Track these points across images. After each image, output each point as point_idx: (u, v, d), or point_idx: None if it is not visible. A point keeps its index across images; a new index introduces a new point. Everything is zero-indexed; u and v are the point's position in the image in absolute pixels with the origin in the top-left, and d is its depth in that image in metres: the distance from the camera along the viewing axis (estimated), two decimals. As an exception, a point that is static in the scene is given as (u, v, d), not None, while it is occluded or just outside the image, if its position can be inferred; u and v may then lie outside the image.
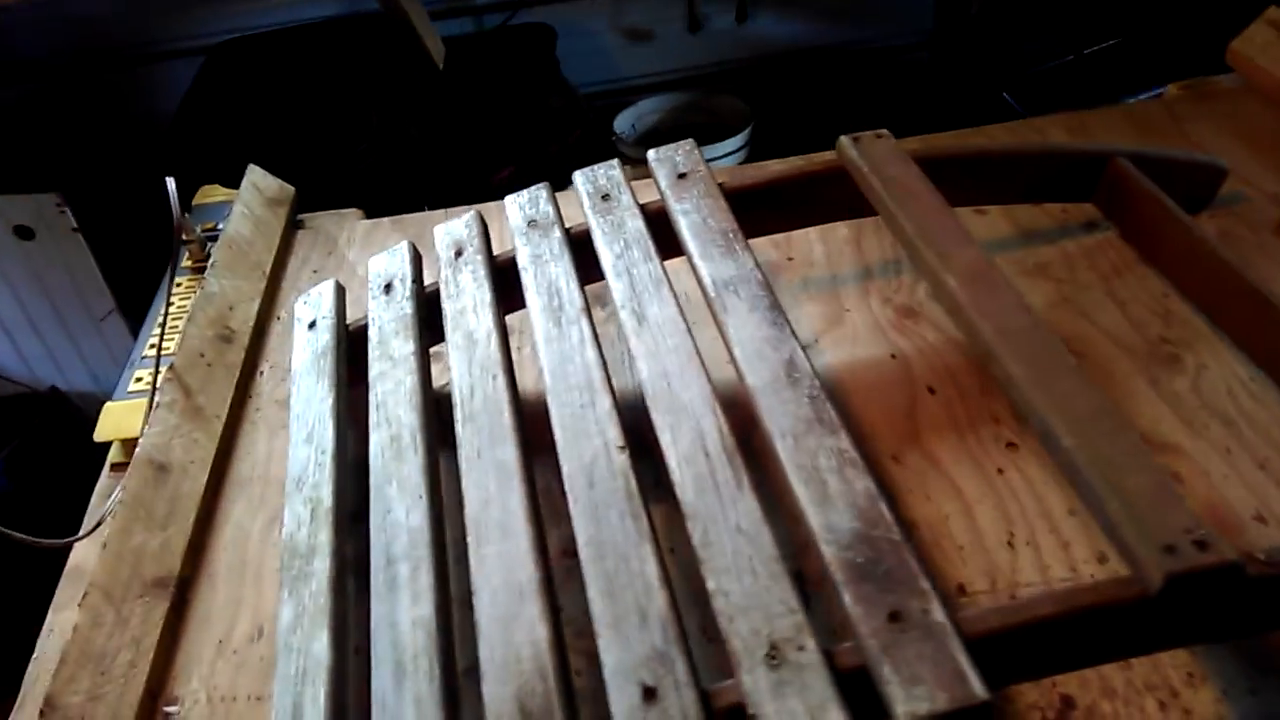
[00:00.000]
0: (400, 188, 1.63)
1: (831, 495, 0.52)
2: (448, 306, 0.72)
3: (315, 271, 0.96)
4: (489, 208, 0.94)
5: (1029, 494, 0.68)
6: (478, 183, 1.72)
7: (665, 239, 0.73)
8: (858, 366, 0.79)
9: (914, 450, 0.72)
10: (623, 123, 1.89)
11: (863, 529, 0.50)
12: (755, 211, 0.77)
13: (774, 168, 0.99)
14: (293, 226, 1.01)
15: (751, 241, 0.71)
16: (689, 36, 2.06)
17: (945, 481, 0.69)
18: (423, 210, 1.05)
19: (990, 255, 0.65)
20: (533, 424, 0.63)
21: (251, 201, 0.98)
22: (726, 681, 0.47)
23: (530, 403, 0.63)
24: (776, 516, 0.53)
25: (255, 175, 1.01)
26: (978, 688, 0.43)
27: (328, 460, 0.66)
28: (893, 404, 0.76)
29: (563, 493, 0.57)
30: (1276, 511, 0.64)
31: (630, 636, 0.49)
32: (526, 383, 0.77)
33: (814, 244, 0.93)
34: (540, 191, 0.80)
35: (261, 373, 0.86)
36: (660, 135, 1.93)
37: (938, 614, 0.46)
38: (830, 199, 0.80)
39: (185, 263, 0.95)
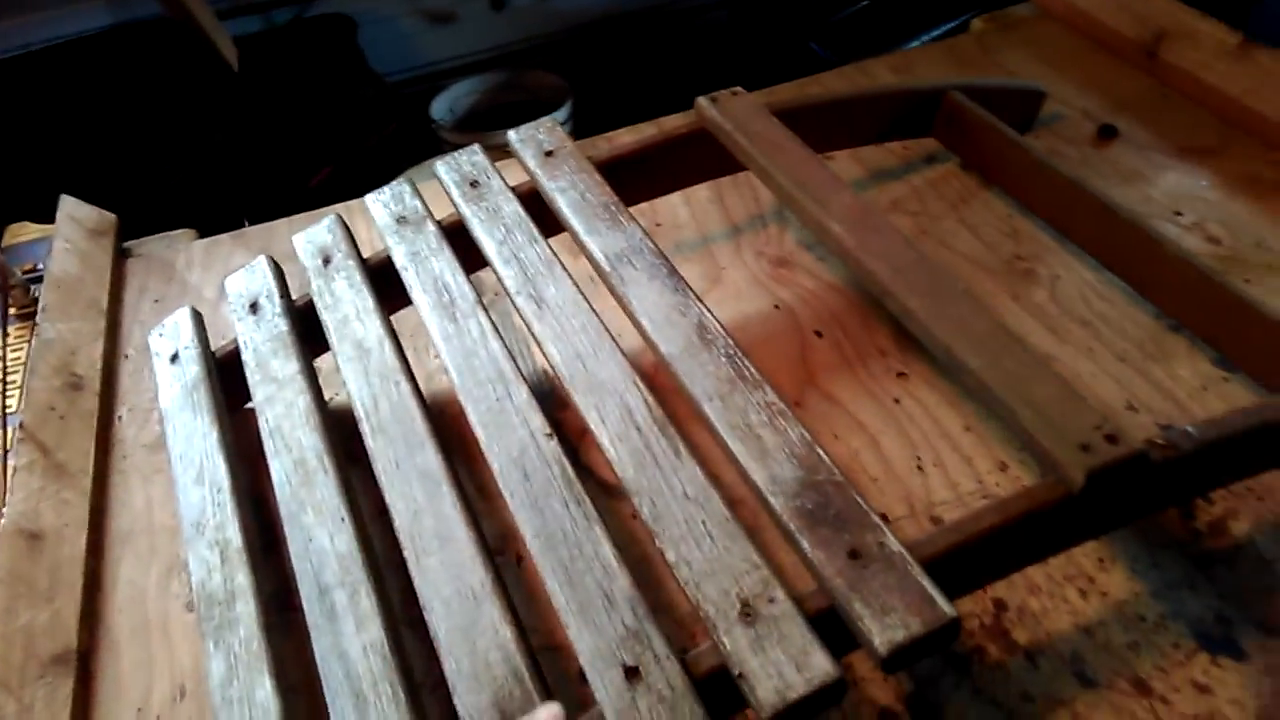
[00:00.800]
0: (213, 201, 1.53)
1: (769, 448, 0.53)
2: (327, 317, 0.69)
3: (157, 301, 0.89)
4: (337, 210, 0.90)
5: (926, 418, 0.71)
6: (296, 188, 1.63)
7: (542, 219, 0.72)
8: (745, 321, 0.81)
9: (813, 393, 0.74)
10: (439, 108, 1.84)
11: (805, 476, 0.51)
12: (625, 181, 0.76)
13: (626, 138, 0.99)
14: (121, 255, 0.93)
15: (627, 211, 0.70)
16: (493, 14, 2.03)
17: (848, 418, 0.72)
18: (242, 225, 0.99)
19: (863, 197, 0.67)
20: (445, 426, 0.61)
21: (71, 234, 0.90)
22: (704, 645, 0.47)
23: (437, 404, 0.61)
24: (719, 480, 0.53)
25: (69, 206, 0.93)
26: (946, 607, 0.45)
27: (226, 498, 0.61)
28: (785, 352, 0.78)
29: (493, 491, 0.55)
30: (1142, 399, 0.70)
31: (599, 621, 0.48)
32: (429, 385, 0.75)
33: (678, 207, 0.94)
34: (403, 186, 0.76)
35: (120, 417, 0.79)
36: (479, 118, 1.89)
37: (893, 545, 0.48)
38: (695, 161, 0.81)
39: (10, 311, 0.86)
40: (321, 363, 0.71)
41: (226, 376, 0.71)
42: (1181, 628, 0.58)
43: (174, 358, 0.72)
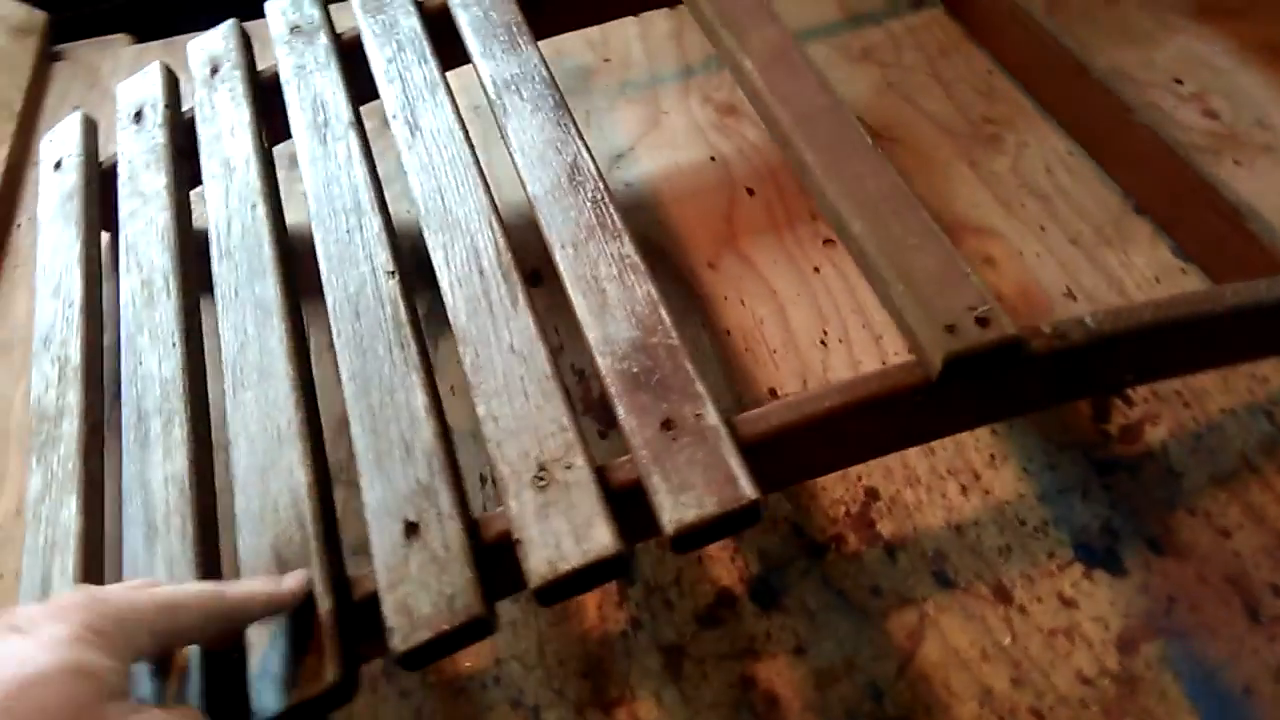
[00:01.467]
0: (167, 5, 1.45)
1: (610, 304, 0.48)
2: (203, 131, 0.64)
3: (77, 108, 0.85)
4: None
5: (844, 290, 0.65)
6: None
7: (442, 40, 0.65)
8: (675, 172, 0.74)
9: (730, 254, 0.68)
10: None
11: (640, 337, 0.46)
12: (544, 6, 0.69)
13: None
14: (47, 59, 0.89)
15: (566, 41, 0.64)
16: None
17: (760, 284, 0.66)
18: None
19: (790, 33, 0.60)
20: (301, 259, 0.57)
21: (-8, 30, 0.86)
22: (495, 510, 0.44)
23: (301, 235, 0.57)
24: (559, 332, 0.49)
25: (-6, -1, 0.88)
26: (746, 488, 0.41)
27: (75, 314, 0.59)
28: (710, 208, 0.72)
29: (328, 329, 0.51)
30: (1086, 286, 0.63)
31: (393, 472, 0.45)
32: (296, 214, 0.70)
33: (633, 42, 0.86)
34: (306, -8, 0.70)
35: (19, 225, 0.76)
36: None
37: (710, 418, 0.43)
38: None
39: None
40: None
41: (107, 189, 0.67)
42: (1062, 535, 0.53)
43: (57, 164, 0.68)
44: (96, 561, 0.49)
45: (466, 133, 0.58)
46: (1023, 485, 0.55)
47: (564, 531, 0.41)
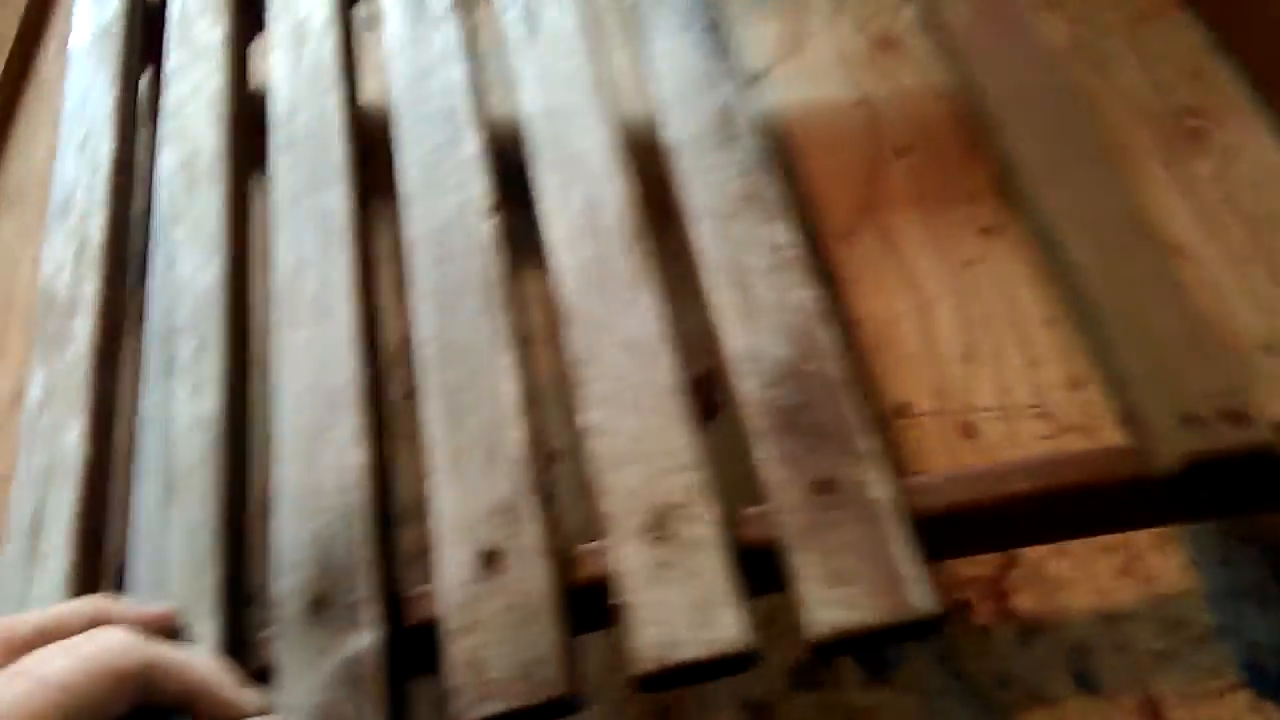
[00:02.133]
0: None
1: (758, 308, 0.38)
2: (276, -20, 0.53)
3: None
4: None
5: (999, 295, 0.55)
6: None
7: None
8: (813, 112, 0.63)
9: (869, 228, 0.58)
10: None
11: (794, 360, 0.37)
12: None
13: None
14: None
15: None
16: None
17: (902, 271, 0.56)
18: None
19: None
20: (377, 164, 0.47)
21: None
22: (591, 545, 0.35)
23: (378, 132, 0.47)
24: (687, 326, 0.39)
25: None
26: (922, 598, 0.32)
27: (101, 182, 0.49)
28: (850, 166, 0.61)
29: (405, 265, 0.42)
30: (1287, 341, 0.53)
31: (470, 479, 0.36)
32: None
33: (781, -60, 0.73)
34: None
35: (49, 51, 0.66)
36: None
37: (879, 487, 0.34)
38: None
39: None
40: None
41: (154, 29, 0.56)
42: (1229, 649, 0.45)
43: (100, -11, 0.58)
44: (98, 505, 0.41)
45: (602, 42, 0.47)
46: (1191, 579, 0.46)
47: (680, 607, 0.32)
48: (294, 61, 0.49)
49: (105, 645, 0.27)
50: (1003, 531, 0.38)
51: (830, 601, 0.32)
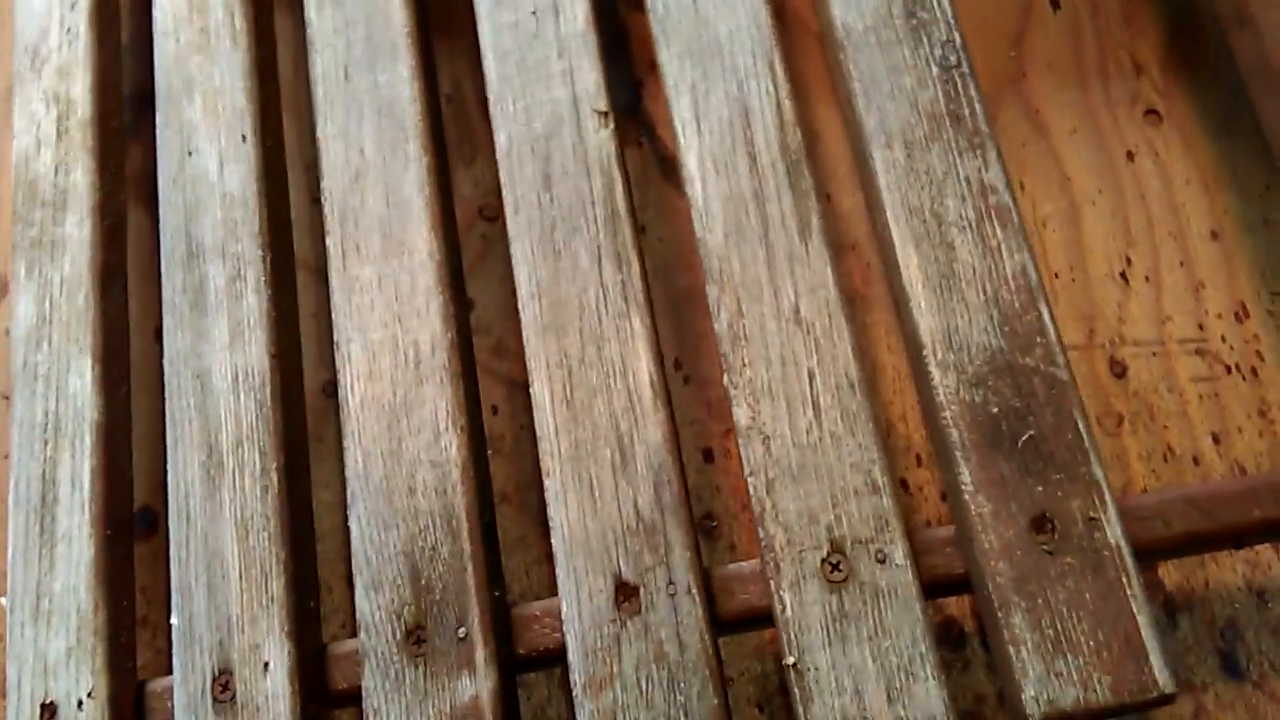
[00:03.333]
0: None
1: (960, 274, 0.30)
2: None
3: None
4: None
5: (1163, 197, 0.47)
6: None
7: None
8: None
9: (1015, 102, 0.48)
10: None
11: (1007, 351, 0.29)
12: None
13: None
14: None
15: None
16: None
17: (1051, 161, 0.47)
18: None
19: None
20: (445, 29, 0.36)
21: None
22: (740, 568, 0.29)
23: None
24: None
25: None
26: (1160, 675, 0.27)
27: (83, 21, 0.38)
28: (997, 19, 0.50)
29: (495, 187, 0.33)
30: None
31: (600, 486, 0.29)
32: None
33: None
34: None
35: None
36: None
37: (1113, 528, 0.28)
38: None
39: None
40: None
41: None
42: (1386, 632, 0.41)
43: None
44: (121, 474, 0.34)
45: None
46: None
47: (869, 673, 0.27)
48: None
49: None
50: (1213, 545, 0.33)
51: (1051, 676, 0.26)
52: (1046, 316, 0.30)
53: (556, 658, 0.29)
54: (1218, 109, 0.48)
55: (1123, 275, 0.46)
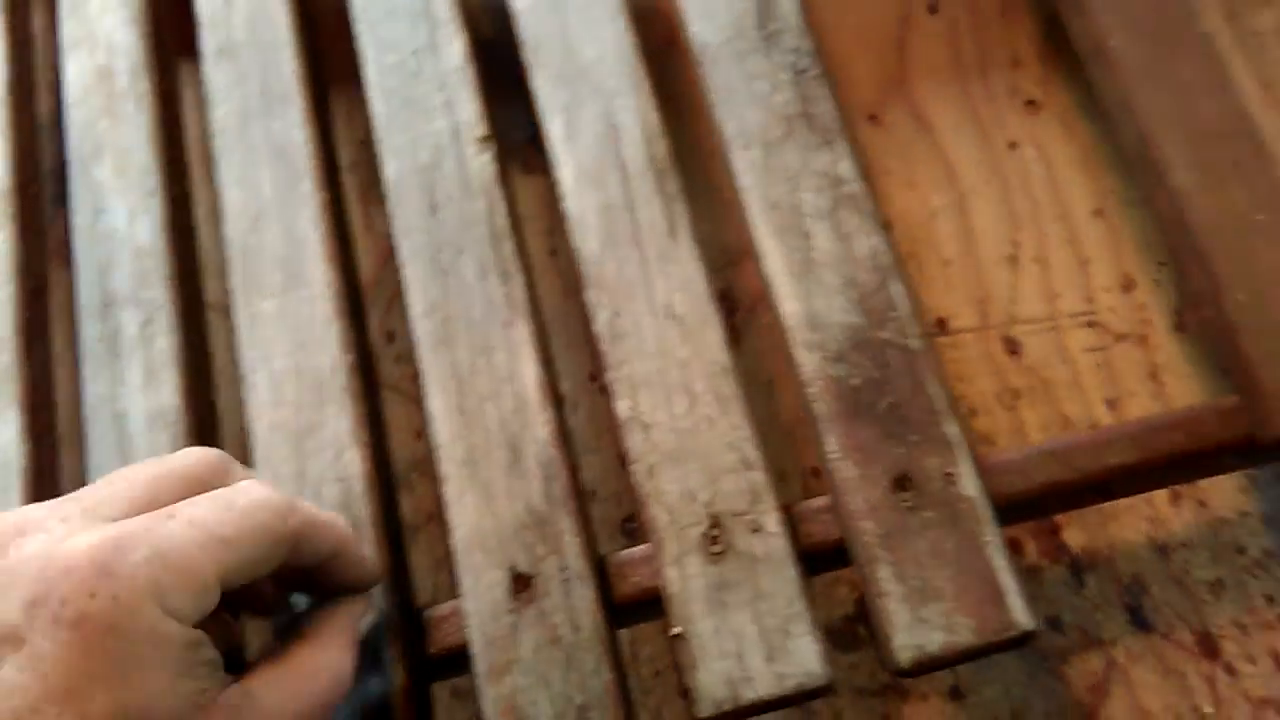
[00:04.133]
0: None
1: (819, 261, 0.32)
2: None
3: None
4: None
5: (1046, 182, 0.49)
6: None
7: None
8: (830, -43, 0.54)
9: (900, 105, 0.51)
10: None
11: (864, 327, 0.32)
12: None
13: None
14: None
15: None
16: None
17: (937, 157, 0.50)
18: None
19: None
20: (336, 64, 0.39)
21: None
22: (632, 553, 0.31)
23: (333, 27, 0.38)
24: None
25: None
26: (1019, 614, 0.29)
27: (-3, 102, 0.40)
28: (877, 26, 0.53)
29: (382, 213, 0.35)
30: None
31: (493, 485, 0.31)
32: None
33: None
34: None
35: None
36: None
37: (967, 482, 0.30)
38: None
39: None
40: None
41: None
42: (1287, 575, 0.43)
43: None
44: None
45: (596, -95, 0.38)
46: (1246, 500, 0.44)
47: (749, 636, 0.29)
48: (217, -63, 0.40)
49: (264, 503, 0.24)
50: (1081, 498, 0.35)
51: (919, 625, 0.28)
52: (899, 293, 0.32)
53: (464, 654, 0.30)
54: (1093, 94, 0.50)
55: (1012, 258, 0.48)
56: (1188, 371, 0.46)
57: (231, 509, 0.24)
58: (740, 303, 0.46)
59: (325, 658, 0.26)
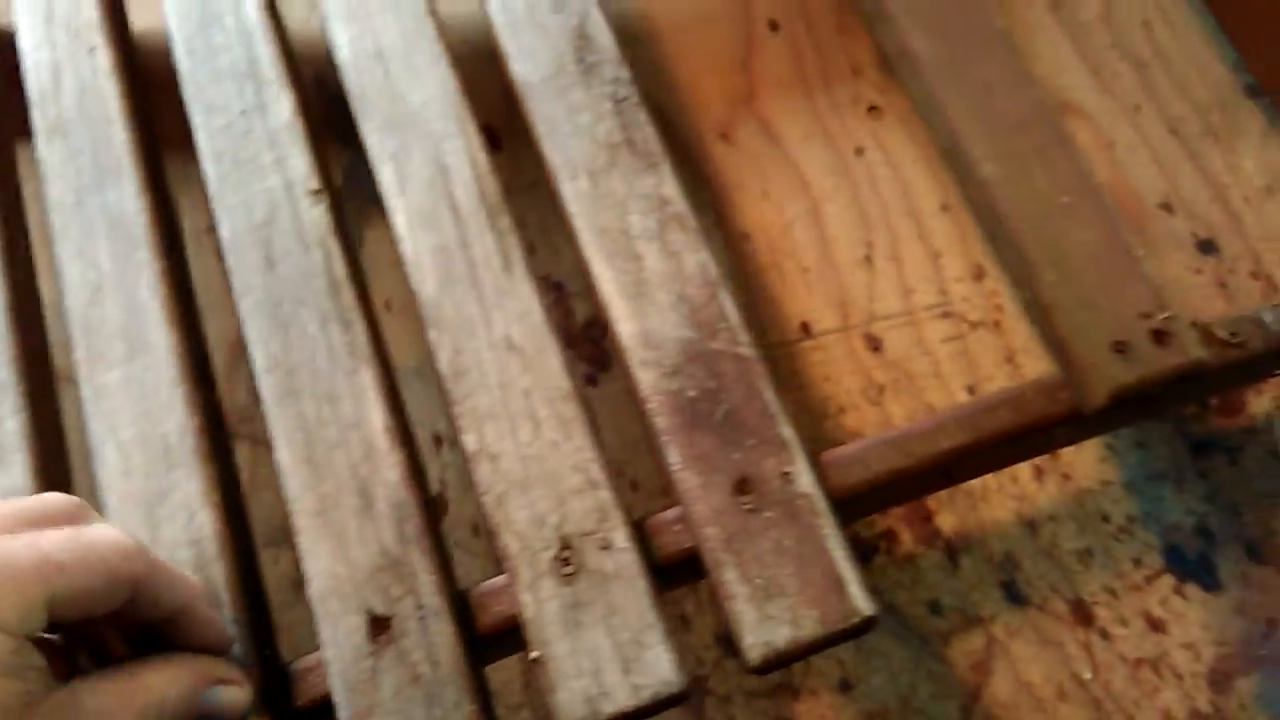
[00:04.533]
0: None
1: (650, 281, 0.33)
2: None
3: None
4: None
5: (893, 182, 0.51)
6: None
7: None
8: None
9: (749, 121, 0.53)
10: None
11: (697, 340, 0.33)
12: None
13: None
14: None
15: None
16: None
17: (788, 168, 0.52)
18: None
19: None
20: (170, 130, 0.39)
21: None
22: (493, 584, 0.31)
23: (164, 94, 0.39)
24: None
25: None
26: (859, 600, 0.30)
27: None
28: (723, 48, 0.55)
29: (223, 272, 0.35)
30: (1185, 194, 0.51)
31: (345, 533, 0.31)
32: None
33: None
34: None
35: None
36: None
37: (803, 480, 0.31)
38: None
39: None
40: None
41: None
42: (1151, 536, 0.44)
43: None
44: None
45: (416, -44, 0.39)
46: (1107, 469, 0.46)
47: (605, 652, 0.29)
48: (45, 12, 0.40)
49: (111, 542, 0.25)
50: (929, 482, 0.36)
51: (767, 622, 0.29)
52: (729, 304, 0.33)
53: (329, 705, 0.30)
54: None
55: (867, 259, 0.50)
56: (1042, 353, 0.48)
57: (74, 541, 0.25)
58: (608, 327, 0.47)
59: (161, 675, 0.26)
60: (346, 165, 0.48)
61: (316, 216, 0.35)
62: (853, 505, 0.33)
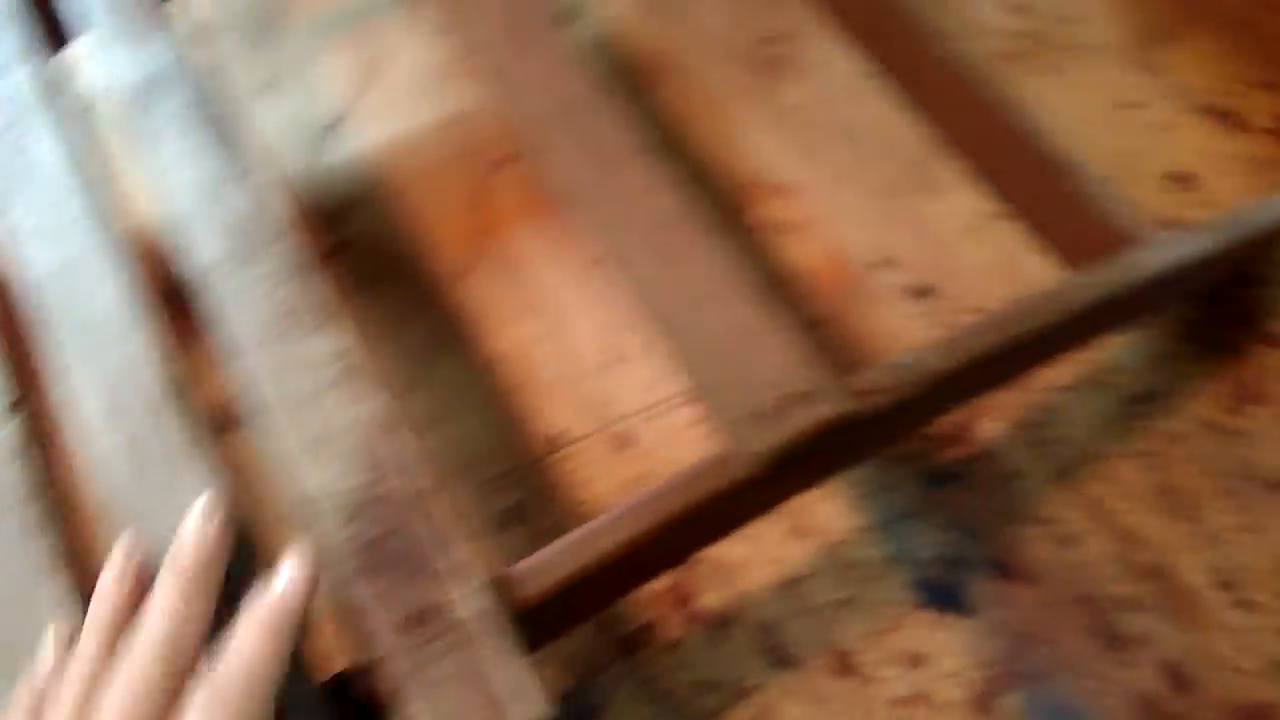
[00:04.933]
0: None
1: (324, 436, 0.35)
2: None
3: None
4: None
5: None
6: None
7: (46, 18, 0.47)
8: (406, 141, 0.60)
9: (489, 254, 0.56)
10: None
11: (370, 482, 0.35)
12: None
13: None
14: None
15: None
16: None
17: (532, 288, 0.55)
18: None
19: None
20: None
21: None
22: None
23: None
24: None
25: None
26: (522, 709, 0.31)
27: None
28: (456, 192, 0.58)
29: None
30: (900, 252, 0.55)
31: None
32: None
33: (334, -44, 0.68)
34: None
35: None
36: None
37: (469, 601, 0.32)
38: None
39: None
40: None
41: None
42: (902, 574, 0.47)
43: None
44: None
45: (102, 170, 0.42)
46: (856, 516, 0.48)
47: (296, 806, 0.30)
48: None
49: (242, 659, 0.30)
50: (629, 575, 0.38)
51: (437, 745, 0.30)
52: (405, 440, 0.35)
53: None
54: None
55: (606, 364, 0.52)
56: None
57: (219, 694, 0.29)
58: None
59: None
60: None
61: (9, 433, 0.37)
62: (548, 611, 0.34)
